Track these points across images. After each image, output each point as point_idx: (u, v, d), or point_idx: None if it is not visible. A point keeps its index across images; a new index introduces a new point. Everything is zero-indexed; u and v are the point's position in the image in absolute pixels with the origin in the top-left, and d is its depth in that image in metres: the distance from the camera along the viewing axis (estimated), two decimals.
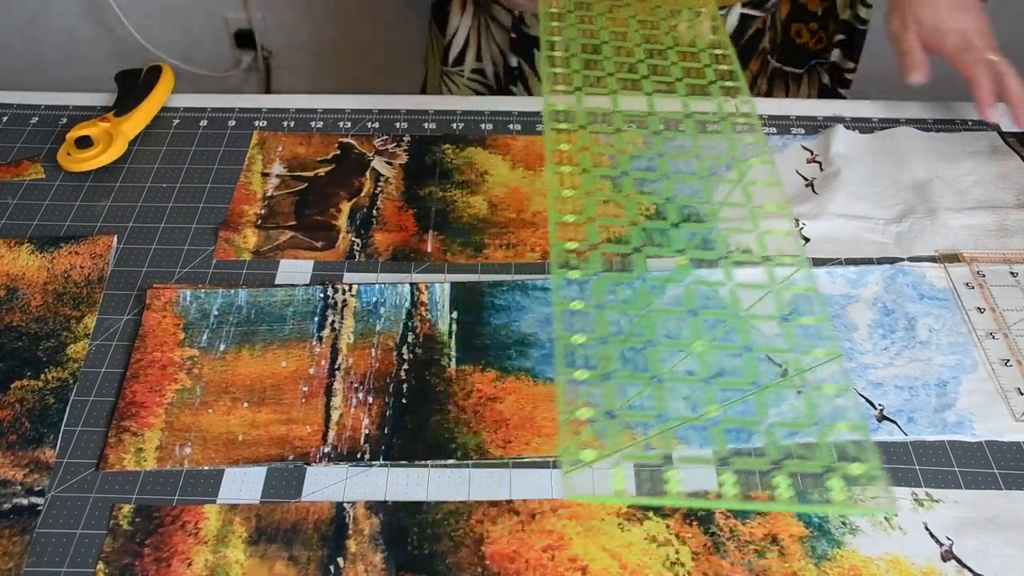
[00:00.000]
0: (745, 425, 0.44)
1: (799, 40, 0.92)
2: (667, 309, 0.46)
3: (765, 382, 0.44)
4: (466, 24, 0.92)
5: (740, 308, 0.46)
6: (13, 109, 0.77)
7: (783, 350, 0.45)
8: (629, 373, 0.43)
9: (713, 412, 0.42)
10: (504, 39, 0.89)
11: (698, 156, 0.56)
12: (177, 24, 1.62)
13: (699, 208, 0.56)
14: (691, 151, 0.56)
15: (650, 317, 0.45)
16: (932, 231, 0.68)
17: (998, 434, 0.56)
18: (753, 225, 0.50)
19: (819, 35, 0.92)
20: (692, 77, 0.62)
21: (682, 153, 0.56)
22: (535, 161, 0.73)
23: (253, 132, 0.75)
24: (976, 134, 0.76)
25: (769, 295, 0.46)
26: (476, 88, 0.95)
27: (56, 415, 0.55)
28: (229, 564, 0.49)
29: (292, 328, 0.60)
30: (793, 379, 0.44)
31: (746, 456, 0.44)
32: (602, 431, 0.41)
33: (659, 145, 0.56)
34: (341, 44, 1.67)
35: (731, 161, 0.56)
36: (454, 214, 0.69)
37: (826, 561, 0.50)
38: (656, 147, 0.56)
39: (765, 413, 0.43)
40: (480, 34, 0.91)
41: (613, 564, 0.49)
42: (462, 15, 0.92)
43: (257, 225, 0.67)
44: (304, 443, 0.54)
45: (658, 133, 0.56)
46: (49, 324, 0.60)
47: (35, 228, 0.67)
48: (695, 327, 0.45)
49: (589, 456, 0.40)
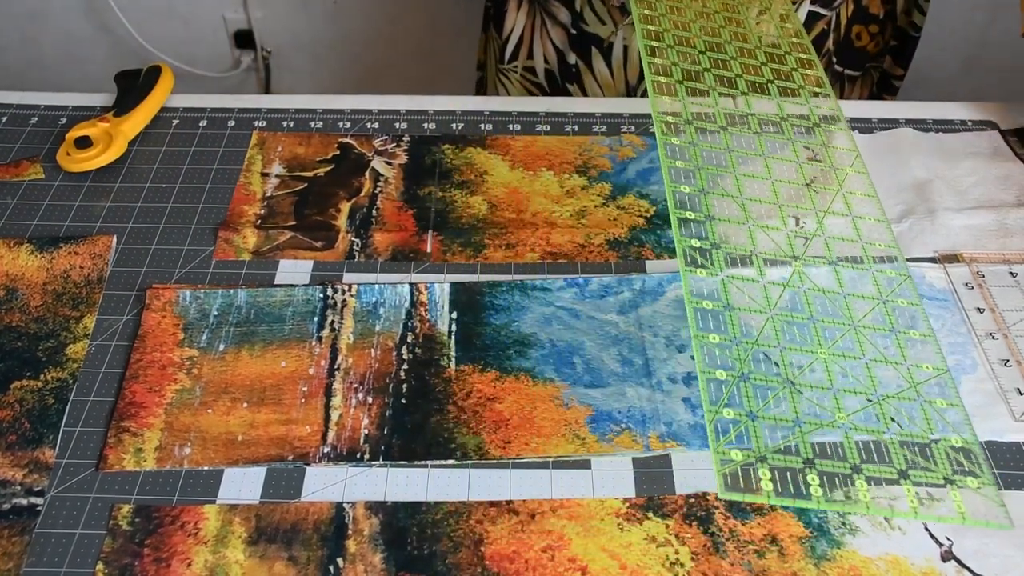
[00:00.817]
0: (871, 433, 0.47)
1: (858, 43, 0.92)
2: (791, 314, 0.51)
3: (886, 391, 0.48)
4: (522, 21, 0.92)
5: (854, 317, 0.51)
6: (13, 109, 0.77)
7: (896, 362, 0.50)
8: (763, 375, 0.48)
9: (842, 419, 0.47)
10: (561, 37, 0.90)
11: (797, 160, 0.61)
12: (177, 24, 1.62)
13: (805, 214, 0.59)
14: (791, 155, 0.61)
15: (775, 321, 0.50)
16: (932, 231, 0.68)
17: (998, 434, 0.56)
18: (856, 235, 0.55)
19: (878, 39, 0.92)
20: (782, 79, 0.66)
21: (784, 158, 0.60)
22: (535, 161, 0.73)
23: (253, 132, 0.75)
24: (978, 135, 0.76)
25: (878, 305, 0.52)
26: (527, 86, 0.95)
27: (56, 415, 0.55)
28: (229, 564, 0.49)
29: (292, 328, 0.60)
30: (907, 391, 0.48)
31: (873, 464, 0.47)
32: (745, 433, 0.45)
33: (762, 147, 0.60)
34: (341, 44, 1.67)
35: (829, 169, 0.61)
36: (454, 214, 0.69)
37: (826, 561, 0.50)
38: (759, 148, 0.60)
39: (888, 423, 0.47)
40: (534, 31, 0.92)
41: (613, 564, 0.49)
42: (518, 11, 0.92)
43: (257, 225, 0.67)
44: (304, 443, 0.54)
45: (758, 134, 0.59)
46: (49, 324, 0.60)
47: (34, 228, 0.67)
48: (816, 333, 0.50)
49: (739, 456, 0.44)
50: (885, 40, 0.94)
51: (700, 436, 0.55)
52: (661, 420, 0.56)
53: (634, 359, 0.59)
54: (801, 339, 0.50)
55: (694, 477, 0.53)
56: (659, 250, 0.66)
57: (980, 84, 1.58)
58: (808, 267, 0.54)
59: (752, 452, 0.45)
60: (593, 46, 0.88)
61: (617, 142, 0.75)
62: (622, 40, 0.87)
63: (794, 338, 0.50)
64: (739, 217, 0.55)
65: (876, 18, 0.91)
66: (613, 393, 0.57)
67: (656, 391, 0.57)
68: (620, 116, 0.77)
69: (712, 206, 0.54)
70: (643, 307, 0.62)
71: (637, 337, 0.60)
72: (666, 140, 0.57)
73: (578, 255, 0.66)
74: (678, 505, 0.52)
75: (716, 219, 0.54)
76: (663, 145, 0.56)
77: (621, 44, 0.87)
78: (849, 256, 0.55)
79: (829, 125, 0.63)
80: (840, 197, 0.58)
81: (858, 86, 0.95)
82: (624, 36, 0.87)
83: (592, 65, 0.89)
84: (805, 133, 0.62)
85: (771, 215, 0.57)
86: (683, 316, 0.61)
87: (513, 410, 0.56)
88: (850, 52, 0.91)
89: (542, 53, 0.92)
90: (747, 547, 0.50)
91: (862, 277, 0.54)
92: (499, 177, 0.72)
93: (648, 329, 0.61)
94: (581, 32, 0.87)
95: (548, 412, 0.56)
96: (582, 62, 0.89)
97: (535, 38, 0.93)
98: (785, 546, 0.50)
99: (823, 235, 0.56)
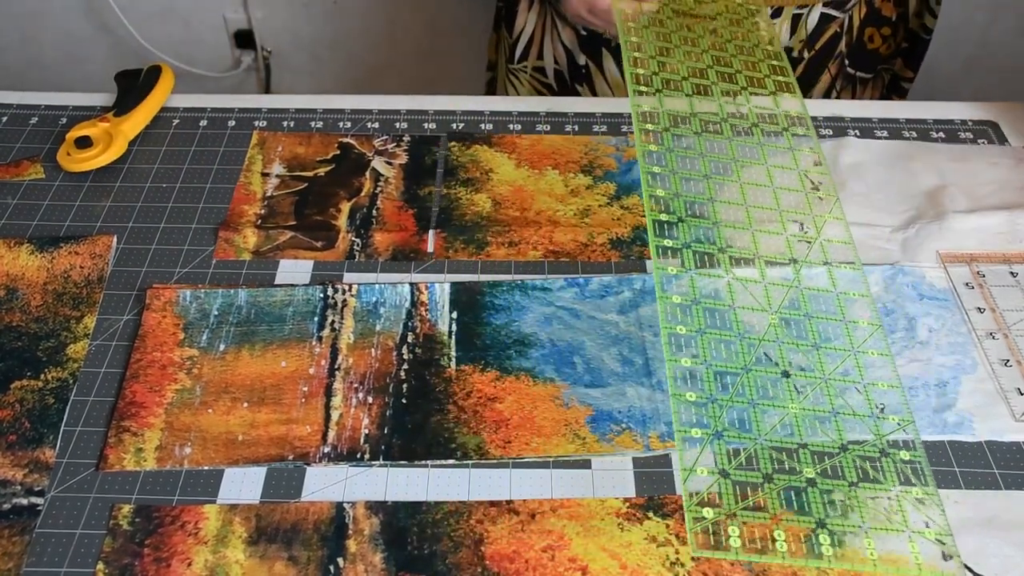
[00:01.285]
0: (835, 487, 0.50)
1: (871, 45, 0.92)
2: (764, 370, 0.53)
3: (851, 447, 0.51)
4: (532, 21, 0.93)
5: (826, 371, 0.53)
6: (13, 109, 0.77)
7: (864, 415, 0.52)
8: (737, 433, 0.50)
9: (809, 473, 0.49)
10: (571, 38, 0.90)
11: (765, 163, 0.63)
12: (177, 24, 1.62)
13: (771, 225, 0.60)
14: (760, 159, 0.64)
15: (750, 377, 0.52)
16: (939, 235, 0.67)
17: (998, 434, 0.56)
18: (832, 285, 0.58)
19: (890, 41, 0.92)
20: (755, 87, 0.68)
21: (752, 161, 0.63)
22: (540, 160, 0.73)
23: (253, 132, 0.75)
24: (1003, 148, 0.75)
25: (849, 356, 0.54)
26: (536, 86, 0.96)
27: (56, 415, 0.55)
28: (229, 564, 0.49)
29: (292, 328, 0.60)
30: (875, 444, 0.51)
31: (838, 518, 0.50)
32: (718, 491, 0.48)
33: (732, 151, 0.63)
34: (341, 44, 1.67)
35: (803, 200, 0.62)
36: (457, 211, 0.69)
37: None
38: (731, 152, 0.63)
39: (854, 475, 0.50)
40: (544, 32, 0.92)
41: (613, 564, 0.49)
42: (529, 12, 0.92)
43: (257, 225, 0.67)
44: (304, 443, 0.54)
45: (731, 140, 0.64)
46: (49, 324, 0.60)
47: (35, 228, 0.67)
48: (788, 389, 0.52)
49: (711, 515, 0.47)
50: (897, 42, 0.94)
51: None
52: (661, 420, 0.56)
53: (634, 359, 0.59)
54: (774, 394, 0.52)
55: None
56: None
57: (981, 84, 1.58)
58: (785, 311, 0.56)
59: (723, 509, 0.47)
60: (603, 47, 0.88)
61: (623, 142, 0.75)
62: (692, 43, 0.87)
63: (766, 392, 0.52)
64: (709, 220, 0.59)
65: (888, 20, 0.91)
66: (613, 393, 0.57)
67: (656, 391, 0.57)
68: (620, 116, 0.77)
69: (684, 209, 0.57)
70: (643, 307, 0.62)
71: (637, 337, 0.60)
72: (644, 147, 0.60)
73: (581, 254, 0.66)
74: (678, 505, 0.52)
75: (687, 221, 0.57)
76: (642, 152, 0.59)
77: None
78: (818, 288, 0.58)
79: (796, 128, 0.66)
80: (818, 245, 0.61)
81: (869, 88, 0.96)
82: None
83: (603, 65, 0.89)
84: (773, 136, 0.65)
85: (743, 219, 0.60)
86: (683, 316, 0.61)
87: (513, 410, 0.56)
88: (862, 54, 0.91)
89: (552, 54, 0.92)
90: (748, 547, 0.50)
91: (836, 326, 0.56)
92: (504, 175, 0.72)
93: (648, 329, 0.61)
94: (591, 33, 0.88)
95: (548, 412, 0.56)
96: (592, 63, 0.90)
97: (545, 38, 0.93)
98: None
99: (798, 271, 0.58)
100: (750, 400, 0.51)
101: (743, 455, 0.51)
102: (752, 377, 0.52)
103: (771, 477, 0.49)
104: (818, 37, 0.89)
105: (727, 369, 0.52)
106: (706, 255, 0.56)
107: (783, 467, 0.49)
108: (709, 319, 0.54)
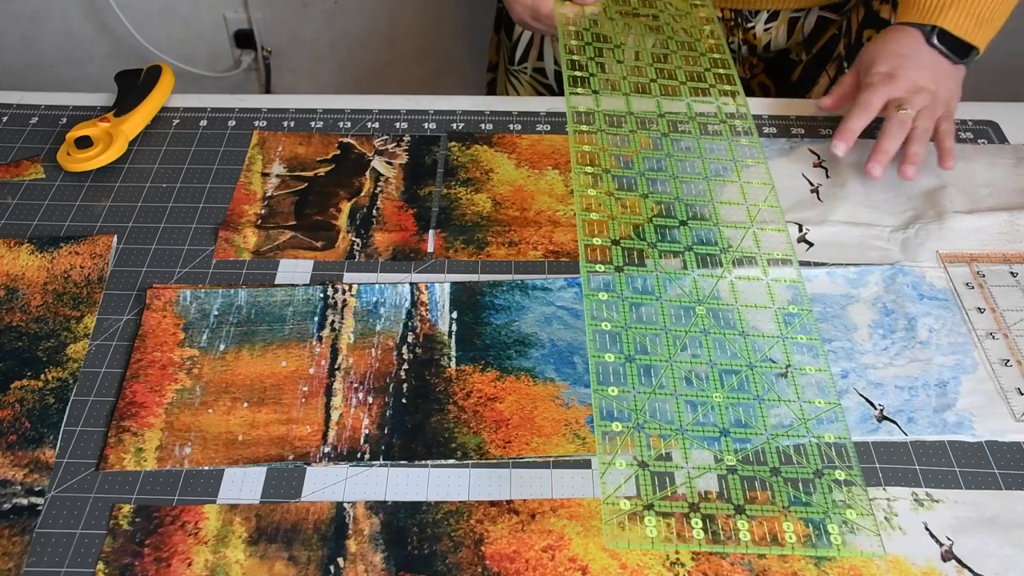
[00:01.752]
0: (756, 473, 0.50)
1: None
2: (690, 360, 0.53)
3: (776, 431, 0.51)
4: None
5: (753, 358, 0.54)
6: (13, 109, 0.77)
7: (789, 401, 0.52)
8: (658, 425, 0.50)
9: (731, 460, 0.49)
10: None
11: (702, 157, 0.63)
12: (177, 24, 1.62)
13: (704, 210, 0.60)
14: (695, 152, 0.64)
15: (674, 369, 0.53)
16: (939, 236, 0.67)
17: (998, 434, 0.56)
18: (763, 273, 0.58)
19: None
20: (694, 80, 0.68)
21: (687, 155, 0.63)
22: (540, 160, 0.73)
23: (253, 132, 0.75)
24: (1002, 147, 0.76)
25: (778, 341, 0.55)
26: (536, 87, 0.96)
27: (56, 415, 0.55)
28: (229, 564, 0.49)
29: (292, 328, 0.60)
30: (798, 428, 0.51)
31: (756, 504, 0.50)
32: (636, 482, 0.49)
33: (667, 147, 0.64)
34: (341, 44, 1.67)
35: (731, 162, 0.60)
36: (458, 211, 0.69)
37: (826, 561, 0.50)
38: (665, 148, 0.64)
39: (777, 460, 0.50)
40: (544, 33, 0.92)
41: (613, 564, 0.49)
42: None
43: (257, 225, 0.67)
44: (304, 443, 0.54)
45: (666, 135, 0.61)
46: (49, 324, 0.60)
47: (35, 228, 0.67)
48: (713, 378, 0.53)
49: (627, 506, 0.47)
50: None
51: (700, 436, 0.55)
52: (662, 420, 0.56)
53: None
54: (697, 384, 0.53)
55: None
56: (661, 250, 0.66)
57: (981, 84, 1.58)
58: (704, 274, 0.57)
59: (640, 500, 0.47)
60: None
61: None
62: (632, 42, 0.87)
63: (691, 384, 0.53)
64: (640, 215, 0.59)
65: (887, 23, 0.91)
66: None
67: (657, 391, 0.57)
68: None
69: (615, 206, 0.59)
70: (643, 307, 0.62)
71: None
72: (578, 149, 0.61)
73: None
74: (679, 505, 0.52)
75: (618, 218, 0.58)
76: (575, 153, 0.61)
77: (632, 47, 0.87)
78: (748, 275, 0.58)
79: (734, 121, 0.67)
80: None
81: None
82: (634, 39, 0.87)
83: None
84: (711, 134, 0.66)
85: (675, 211, 0.60)
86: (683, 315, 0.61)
87: (513, 410, 0.56)
88: None
89: (552, 54, 0.92)
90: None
91: (766, 312, 0.56)
92: (504, 175, 0.72)
93: None
94: None
95: (548, 412, 0.56)
96: None
97: (544, 40, 0.93)
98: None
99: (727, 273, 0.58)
100: (674, 390, 0.52)
101: (663, 446, 0.51)
102: (676, 369, 0.53)
103: (689, 467, 0.50)
104: (816, 39, 0.89)
105: (651, 362, 0.53)
106: (636, 251, 0.57)
107: (702, 456, 0.50)
108: (635, 314, 0.54)
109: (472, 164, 0.73)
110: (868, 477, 0.53)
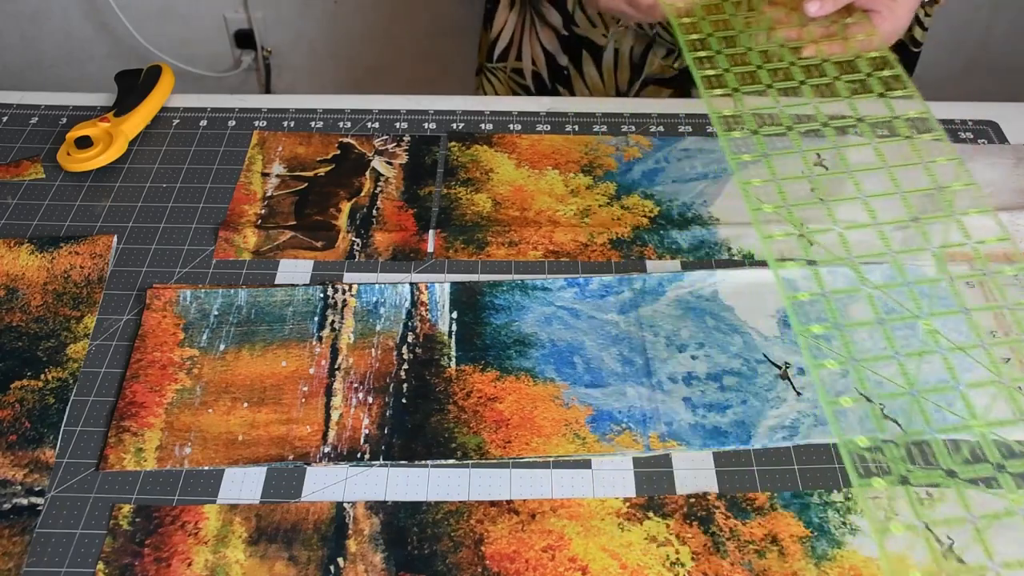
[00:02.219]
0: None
1: None
2: (935, 388, 0.48)
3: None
4: (512, 21, 0.92)
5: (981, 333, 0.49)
6: (13, 109, 0.77)
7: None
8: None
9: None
10: (551, 39, 0.89)
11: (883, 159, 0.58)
12: (177, 24, 1.62)
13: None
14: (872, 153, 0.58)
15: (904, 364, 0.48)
16: (939, 235, 0.67)
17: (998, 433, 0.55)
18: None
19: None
20: (848, 73, 0.61)
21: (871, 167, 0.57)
22: (541, 160, 0.73)
23: (253, 132, 0.75)
24: (1002, 147, 0.75)
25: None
26: (512, 87, 0.95)
27: (56, 415, 0.55)
28: (229, 564, 0.49)
29: (292, 328, 0.60)
30: None
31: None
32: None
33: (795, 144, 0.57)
34: (341, 44, 1.67)
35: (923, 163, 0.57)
36: (458, 211, 0.69)
37: (826, 561, 0.50)
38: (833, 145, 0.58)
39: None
40: (524, 32, 0.91)
41: (613, 564, 0.49)
42: (509, 12, 0.92)
43: (257, 225, 0.67)
44: (304, 443, 0.54)
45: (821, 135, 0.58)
46: (49, 324, 0.60)
47: (35, 228, 0.67)
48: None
49: (898, 527, 0.44)
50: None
51: (700, 436, 0.55)
52: (661, 420, 0.56)
53: (634, 359, 0.59)
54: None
55: (694, 477, 0.53)
56: (661, 250, 0.66)
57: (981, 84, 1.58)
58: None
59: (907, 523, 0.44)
60: (584, 49, 0.88)
61: (624, 142, 0.75)
62: (613, 44, 0.87)
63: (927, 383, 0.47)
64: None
65: None
66: (613, 393, 0.57)
67: (656, 391, 0.57)
68: (621, 116, 0.77)
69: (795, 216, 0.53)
70: (643, 307, 0.62)
71: (637, 337, 0.60)
72: (728, 136, 0.55)
73: (580, 254, 0.66)
74: (679, 505, 0.52)
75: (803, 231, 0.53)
76: (736, 165, 0.54)
77: (612, 48, 0.87)
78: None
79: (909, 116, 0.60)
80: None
81: None
82: (616, 40, 0.86)
83: (582, 68, 0.89)
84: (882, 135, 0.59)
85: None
86: (683, 316, 0.61)
87: (513, 410, 0.56)
88: None
89: (530, 55, 0.92)
90: (748, 547, 0.50)
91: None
92: (504, 175, 0.72)
93: (648, 329, 0.61)
94: (572, 34, 0.87)
95: (548, 412, 0.56)
96: (572, 65, 0.89)
97: (524, 39, 0.92)
98: (785, 546, 0.50)
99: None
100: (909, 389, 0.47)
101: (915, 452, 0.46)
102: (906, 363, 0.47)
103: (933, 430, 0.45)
104: None
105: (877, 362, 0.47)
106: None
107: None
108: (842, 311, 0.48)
109: (472, 164, 0.73)
110: None
